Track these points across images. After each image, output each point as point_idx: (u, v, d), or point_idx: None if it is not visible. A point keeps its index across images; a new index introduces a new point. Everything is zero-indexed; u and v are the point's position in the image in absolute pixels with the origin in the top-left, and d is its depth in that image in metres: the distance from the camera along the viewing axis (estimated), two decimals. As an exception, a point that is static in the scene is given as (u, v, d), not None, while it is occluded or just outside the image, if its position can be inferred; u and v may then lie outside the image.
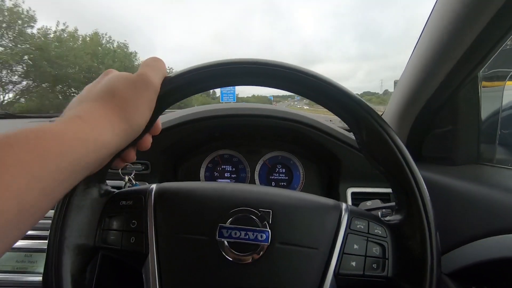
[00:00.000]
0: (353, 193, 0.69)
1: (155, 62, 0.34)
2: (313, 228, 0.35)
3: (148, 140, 0.36)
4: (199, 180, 0.78)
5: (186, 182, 0.41)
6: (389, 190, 0.69)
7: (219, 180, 0.79)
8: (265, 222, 0.34)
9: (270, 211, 0.35)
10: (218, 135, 0.77)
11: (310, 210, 0.36)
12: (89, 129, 0.26)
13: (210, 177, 0.79)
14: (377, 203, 0.48)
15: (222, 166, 0.80)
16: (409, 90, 0.64)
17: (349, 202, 0.68)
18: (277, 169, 0.80)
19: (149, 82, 0.32)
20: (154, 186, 0.38)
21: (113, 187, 0.39)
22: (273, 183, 0.79)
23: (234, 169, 0.80)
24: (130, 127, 0.30)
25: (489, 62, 0.53)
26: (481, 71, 0.56)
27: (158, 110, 0.33)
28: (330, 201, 0.39)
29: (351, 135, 0.71)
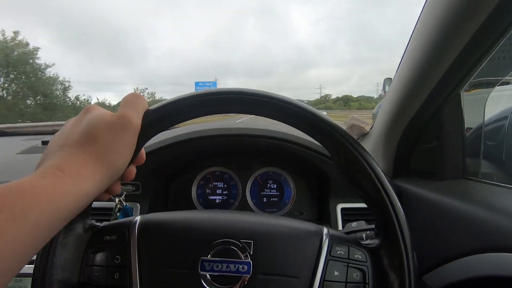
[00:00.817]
0: (342, 209, 0.70)
1: (135, 99, 0.34)
2: (294, 256, 0.36)
3: (132, 171, 0.36)
4: (191, 198, 0.79)
5: (170, 213, 0.41)
6: None
7: (211, 197, 0.80)
8: (247, 253, 0.35)
9: (251, 241, 0.35)
10: (209, 153, 0.77)
11: (291, 237, 0.37)
12: (70, 182, 0.26)
13: (202, 195, 0.79)
14: (362, 224, 0.48)
15: (214, 183, 0.81)
16: (395, 107, 0.65)
17: (339, 218, 0.69)
18: (269, 184, 0.80)
19: (129, 123, 0.32)
20: (138, 218, 0.39)
21: (103, 209, 0.39)
22: (264, 199, 0.79)
23: (225, 185, 0.80)
24: (111, 171, 0.31)
25: (470, 80, 0.54)
26: (462, 88, 0.57)
27: (140, 145, 0.34)
28: (311, 227, 0.39)
29: None
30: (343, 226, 0.68)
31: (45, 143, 0.89)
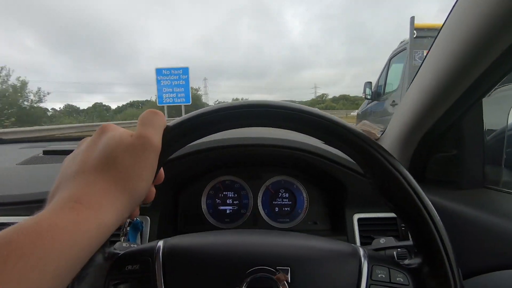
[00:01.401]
0: (359, 219, 0.68)
1: (154, 117, 0.32)
2: (334, 282, 0.34)
3: (152, 193, 0.34)
4: (201, 209, 0.76)
5: (195, 236, 0.39)
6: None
7: (221, 207, 0.77)
8: (284, 281, 0.33)
9: (288, 268, 0.33)
10: (219, 163, 0.75)
11: (329, 260, 0.35)
12: (91, 216, 0.24)
13: (212, 205, 0.77)
14: (392, 241, 0.46)
15: (224, 193, 0.78)
16: (413, 115, 0.63)
17: (356, 229, 0.67)
18: (280, 194, 0.78)
19: (149, 144, 0.29)
20: (161, 244, 0.36)
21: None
22: (276, 209, 0.77)
23: (236, 195, 0.78)
24: (133, 197, 0.28)
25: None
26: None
27: (160, 164, 0.32)
28: (347, 247, 0.38)
29: None
30: (360, 237, 0.67)
31: (46, 153, 0.86)
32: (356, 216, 0.68)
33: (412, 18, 4.18)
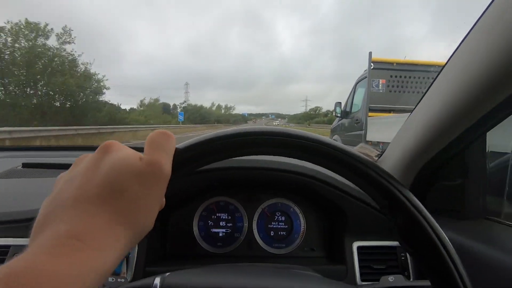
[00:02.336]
0: (359, 247, 0.65)
1: (164, 140, 0.28)
2: None
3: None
4: (192, 232, 0.72)
5: (194, 274, 0.35)
6: (395, 243, 0.65)
7: (213, 230, 0.73)
8: None
9: None
10: (217, 184, 0.71)
11: None
12: (93, 257, 0.20)
13: (204, 228, 0.73)
14: (401, 279, 0.44)
15: (217, 215, 0.74)
16: (417, 142, 0.62)
17: (355, 257, 0.64)
18: (277, 217, 0.75)
19: (160, 172, 0.25)
20: (157, 282, 0.32)
21: None
22: (272, 233, 0.74)
23: (230, 217, 0.74)
24: (138, 233, 0.24)
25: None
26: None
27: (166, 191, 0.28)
28: None
29: (356, 187, 0.67)
30: (360, 267, 0.64)
31: (26, 165, 0.80)
32: (355, 244, 0.65)
33: (370, 53, 5.04)
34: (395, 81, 5.24)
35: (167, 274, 0.34)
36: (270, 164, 0.65)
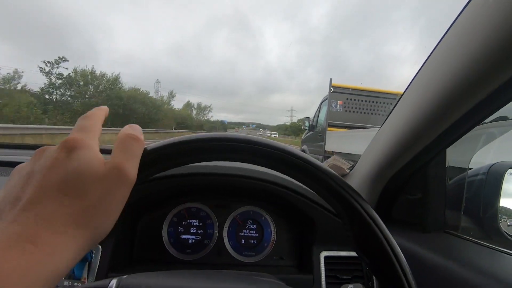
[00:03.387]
0: (326, 257, 0.67)
1: (132, 145, 0.27)
2: None
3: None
4: (161, 237, 0.70)
5: (154, 277, 0.34)
6: None
7: (183, 236, 0.72)
8: None
9: None
10: (187, 190, 0.71)
11: None
12: (45, 261, 0.19)
13: (173, 233, 0.72)
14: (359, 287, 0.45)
15: (188, 221, 0.73)
16: (383, 156, 0.65)
17: (322, 267, 0.66)
18: (248, 225, 0.75)
19: (125, 177, 0.25)
20: (113, 284, 0.32)
21: None
22: (242, 241, 0.74)
23: (201, 224, 0.73)
24: (95, 237, 0.24)
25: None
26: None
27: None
28: None
29: None
30: (326, 276, 0.65)
31: None
32: (323, 254, 0.67)
33: (330, 80, 6.35)
34: (350, 103, 6.44)
35: (125, 276, 0.33)
36: (242, 171, 0.66)
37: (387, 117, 0.66)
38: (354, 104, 6.48)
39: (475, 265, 0.51)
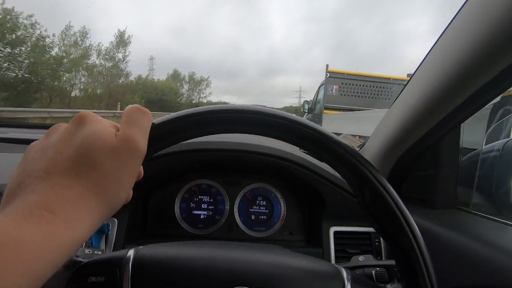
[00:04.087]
0: (335, 232, 0.68)
1: (140, 116, 0.28)
2: None
3: (129, 196, 0.30)
4: (173, 212, 0.72)
5: (169, 246, 0.36)
6: (370, 229, 0.68)
7: (195, 212, 0.74)
8: None
9: None
10: (198, 166, 0.71)
11: (312, 282, 0.34)
12: (63, 228, 0.20)
13: (185, 209, 0.73)
14: (370, 259, 0.46)
15: (199, 197, 0.75)
16: (395, 132, 0.64)
17: (332, 241, 0.67)
18: (258, 201, 0.76)
19: (135, 149, 0.25)
20: (131, 253, 0.33)
21: None
22: (253, 217, 0.75)
23: (212, 200, 0.75)
24: (111, 207, 0.25)
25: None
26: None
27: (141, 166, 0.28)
28: (329, 268, 0.37)
29: (336, 173, 0.69)
30: (335, 250, 0.66)
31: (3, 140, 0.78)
32: (332, 229, 0.68)
33: (327, 66, 6.92)
34: (345, 87, 7.04)
35: (141, 247, 0.34)
36: (252, 147, 0.66)
37: (400, 93, 0.65)
38: (348, 88, 7.06)
39: (486, 239, 0.51)
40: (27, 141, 0.77)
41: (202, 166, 0.73)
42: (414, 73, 0.61)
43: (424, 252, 0.32)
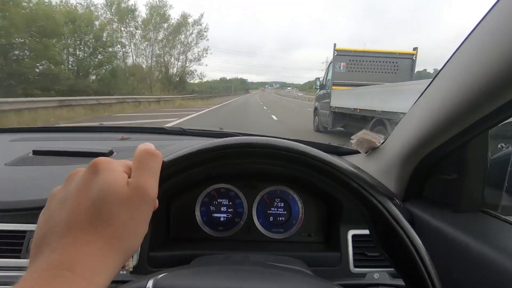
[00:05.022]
0: (354, 235, 0.68)
1: (150, 160, 0.29)
2: None
3: None
4: (194, 217, 0.75)
5: (185, 277, 0.38)
6: None
7: (215, 215, 0.76)
8: None
9: None
10: (215, 172, 0.73)
11: None
12: (83, 285, 0.22)
13: (206, 213, 0.76)
14: (385, 277, 0.46)
15: (218, 200, 0.77)
16: (418, 133, 0.61)
17: (350, 244, 0.67)
18: (276, 203, 0.77)
19: (146, 196, 0.27)
20: (150, 284, 0.35)
21: None
22: (271, 218, 0.76)
23: (231, 203, 0.77)
24: (126, 255, 0.26)
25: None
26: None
27: None
28: None
29: None
30: (353, 254, 0.67)
31: (37, 153, 0.83)
32: (350, 232, 0.68)
33: (334, 44, 7.46)
34: (352, 64, 7.52)
35: (159, 276, 0.36)
36: None
37: (424, 91, 0.61)
38: (356, 65, 7.52)
39: None
40: (65, 153, 0.82)
41: (220, 172, 0.74)
42: (441, 69, 0.56)
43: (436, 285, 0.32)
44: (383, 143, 0.82)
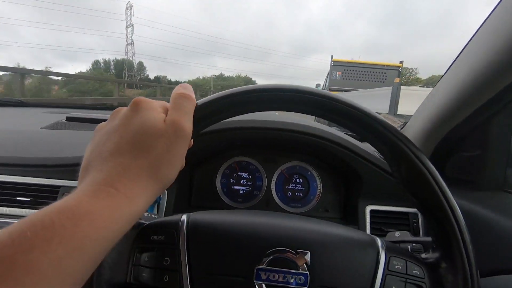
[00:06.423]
0: (372, 211, 0.68)
1: (184, 101, 0.31)
2: (351, 269, 0.35)
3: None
4: (215, 187, 0.77)
5: (218, 213, 0.40)
6: (408, 209, 0.68)
7: (235, 187, 0.78)
8: (304, 263, 0.34)
9: (308, 252, 0.34)
10: (237, 144, 0.75)
11: (347, 248, 0.36)
12: (125, 203, 0.25)
13: (226, 184, 0.78)
14: (407, 235, 0.47)
15: (239, 173, 0.79)
16: (442, 109, 0.62)
17: (368, 220, 0.68)
18: (294, 179, 0.78)
19: (181, 131, 0.29)
20: (184, 218, 0.38)
21: None
22: (289, 193, 0.78)
23: (250, 176, 0.79)
24: (163, 185, 0.29)
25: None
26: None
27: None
28: (366, 237, 0.38)
29: (374, 153, 0.69)
30: (371, 229, 0.67)
31: (70, 119, 0.88)
32: (368, 208, 0.68)
33: (331, 56, 9.29)
34: (346, 73, 9.17)
35: (192, 213, 0.39)
36: (290, 125, 0.68)
37: (447, 69, 0.62)
38: (350, 74, 9.18)
39: None
40: (95, 120, 0.86)
41: (241, 143, 0.76)
42: (465, 47, 0.57)
43: (461, 224, 0.32)
44: (403, 126, 0.82)
